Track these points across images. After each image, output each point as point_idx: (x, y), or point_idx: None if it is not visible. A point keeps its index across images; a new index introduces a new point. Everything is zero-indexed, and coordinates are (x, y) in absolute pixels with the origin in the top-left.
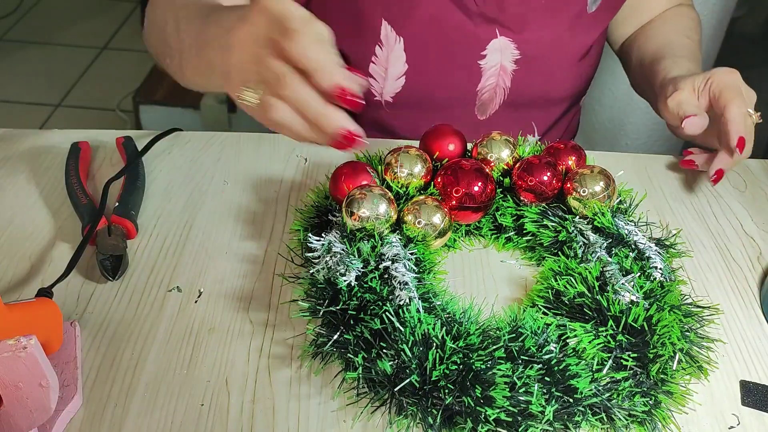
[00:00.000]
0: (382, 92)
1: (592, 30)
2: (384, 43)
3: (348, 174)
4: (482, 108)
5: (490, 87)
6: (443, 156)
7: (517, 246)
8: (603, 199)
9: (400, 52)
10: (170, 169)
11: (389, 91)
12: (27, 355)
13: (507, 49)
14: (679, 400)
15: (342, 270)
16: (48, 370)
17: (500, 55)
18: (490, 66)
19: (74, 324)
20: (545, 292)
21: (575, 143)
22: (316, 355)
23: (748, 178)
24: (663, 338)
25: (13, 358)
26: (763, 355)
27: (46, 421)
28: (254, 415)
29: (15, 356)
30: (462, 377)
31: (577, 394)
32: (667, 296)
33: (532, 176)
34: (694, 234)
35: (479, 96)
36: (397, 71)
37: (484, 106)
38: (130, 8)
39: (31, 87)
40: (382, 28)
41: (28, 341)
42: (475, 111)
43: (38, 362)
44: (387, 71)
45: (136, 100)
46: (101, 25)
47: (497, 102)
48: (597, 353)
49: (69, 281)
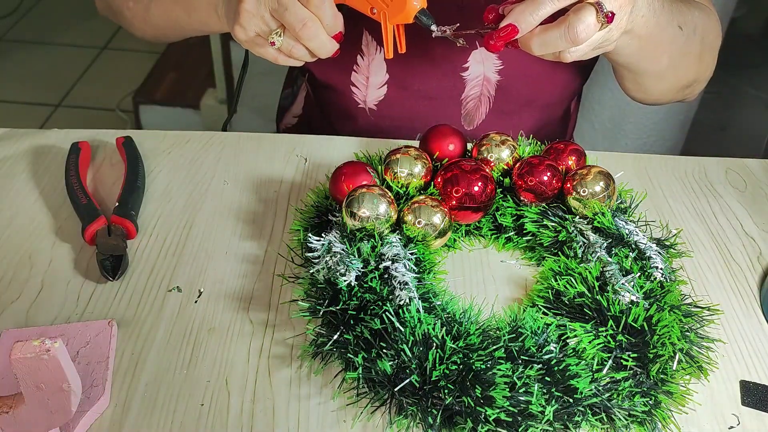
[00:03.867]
0: (365, 100)
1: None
2: (365, 52)
3: (348, 174)
4: (468, 118)
5: (474, 96)
6: (443, 156)
7: (517, 246)
8: (603, 200)
9: (380, 61)
10: (170, 169)
11: (372, 99)
12: (50, 358)
13: (489, 59)
14: (679, 400)
15: (342, 270)
16: (71, 373)
17: (482, 66)
18: (474, 77)
19: (111, 323)
20: (545, 292)
21: (575, 143)
22: (316, 355)
23: (748, 178)
24: (663, 338)
25: (36, 359)
26: (763, 355)
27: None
28: (254, 415)
29: (38, 358)
30: (462, 377)
31: (577, 394)
32: (667, 296)
33: (532, 176)
34: (694, 234)
35: (464, 105)
36: (379, 80)
37: (470, 116)
38: None
39: (31, 87)
40: (363, 37)
41: (52, 344)
42: (461, 121)
43: (61, 366)
44: (368, 80)
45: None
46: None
47: (483, 111)
48: (597, 353)
49: (69, 281)
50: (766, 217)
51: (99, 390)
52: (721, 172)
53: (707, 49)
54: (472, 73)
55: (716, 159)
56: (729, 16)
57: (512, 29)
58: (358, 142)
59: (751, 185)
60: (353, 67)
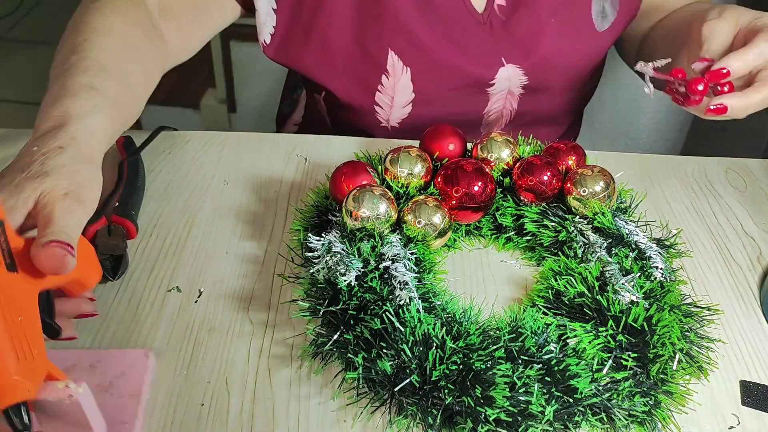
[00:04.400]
0: (388, 119)
1: (601, 48)
2: (391, 73)
3: (348, 174)
4: (487, 129)
5: (497, 110)
6: (443, 156)
7: (517, 246)
8: (603, 199)
9: (407, 82)
10: (170, 169)
11: (395, 117)
12: (72, 404)
13: (515, 76)
14: (679, 400)
15: (342, 270)
16: (94, 418)
17: (508, 82)
18: (498, 91)
19: (148, 354)
20: (545, 292)
21: (575, 143)
22: (316, 355)
23: (748, 178)
24: (663, 338)
25: (58, 403)
26: (763, 355)
27: None
28: (254, 415)
29: (60, 402)
30: (462, 377)
31: (577, 394)
32: (667, 296)
33: (532, 176)
34: (694, 234)
35: (485, 118)
36: (404, 100)
37: (489, 127)
38: None
39: (31, 87)
40: (389, 58)
41: (76, 388)
42: (480, 131)
43: (83, 412)
44: (393, 100)
45: None
46: None
47: (503, 122)
48: (597, 353)
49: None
50: (766, 217)
51: (128, 428)
52: (721, 172)
53: None
54: (498, 88)
55: (716, 159)
56: None
57: (725, 71)
58: (358, 142)
59: (751, 185)
60: (378, 87)
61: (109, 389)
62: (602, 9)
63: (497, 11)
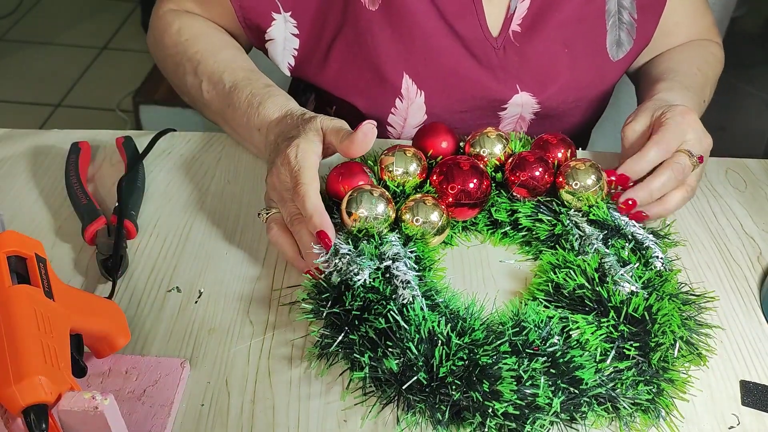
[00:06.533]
0: (399, 137)
1: (614, 76)
2: (404, 96)
3: (344, 175)
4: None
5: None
6: (437, 153)
7: (514, 241)
8: (595, 192)
9: (420, 105)
10: (170, 169)
11: (407, 135)
12: (97, 415)
13: (528, 103)
14: (680, 387)
15: (355, 270)
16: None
17: (521, 108)
18: (510, 116)
19: (184, 364)
20: (545, 285)
21: (564, 136)
22: (321, 356)
23: (748, 178)
24: (663, 327)
25: (83, 414)
26: (763, 355)
27: None
28: (254, 416)
29: (85, 413)
30: (469, 373)
31: (583, 385)
32: (665, 285)
33: (524, 172)
34: (694, 234)
35: None
36: (417, 121)
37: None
38: (130, 8)
39: (31, 87)
40: (403, 82)
41: (102, 400)
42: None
43: (107, 424)
44: (406, 121)
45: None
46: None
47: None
48: (600, 344)
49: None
50: (766, 217)
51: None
52: (721, 172)
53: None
54: (510, 113)
55: (716, 159)
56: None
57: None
58: None
59: (751, 185)
60: (391, 109)
61: (141, 398)
62: (618, 38)
63: (511, 37)
